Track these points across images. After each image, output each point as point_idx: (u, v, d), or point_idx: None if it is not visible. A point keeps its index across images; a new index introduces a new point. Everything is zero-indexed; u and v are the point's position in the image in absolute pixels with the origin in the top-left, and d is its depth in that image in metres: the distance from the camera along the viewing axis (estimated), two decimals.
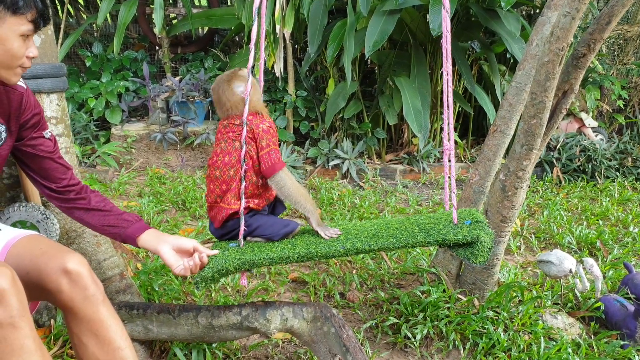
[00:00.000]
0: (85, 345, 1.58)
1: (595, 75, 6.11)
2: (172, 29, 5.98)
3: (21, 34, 1.51)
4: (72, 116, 5.38)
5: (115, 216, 1.80)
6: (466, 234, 1.95)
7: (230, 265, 1.84)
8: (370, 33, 4.46)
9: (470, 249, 1.96)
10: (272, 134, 1.92)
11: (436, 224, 2.03)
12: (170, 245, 1.79)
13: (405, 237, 1.94)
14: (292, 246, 1.93)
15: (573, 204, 4.40)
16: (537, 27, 2.48)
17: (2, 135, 1.68)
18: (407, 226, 2.03)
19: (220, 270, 1.84)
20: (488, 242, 1.95)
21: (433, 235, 1.95)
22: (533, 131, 2.24)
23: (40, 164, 1.78)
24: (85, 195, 1.82)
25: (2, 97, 1.66)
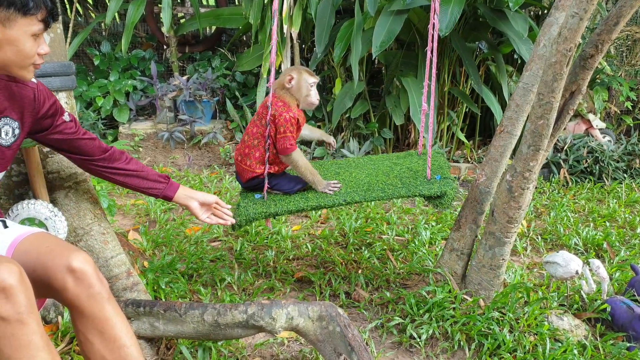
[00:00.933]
0: (91, 342, 1.59)
1: (603, 76, 6.08)
2: (180, 28, 6.00)
3: (32, 33, 1.53)
4: (80, 115, 5.41)
5: (152, 180, 2.08)
6: (437, 190, 2.43)
7: (258, 215, 2.37)
8: (377, 33, 4.46)
9: (439, 200, 2.44)
10: (292, 123, 2.36)
11: (414, 179, 2.53)
12: (197, 201, 2.15)
13: (391, 191, 2.43)
14: (305, 200, 2.42)
15: (580, 205, 4.39)
16: (545, 28, 2.48)
17: (16, 131, 1.71)
18: (392, 180, 2.54)
19: (249, 218, 2.37)
20: (452, 194, 2.44)
21: (412, 190, 2.43)
22: (540, 132, 2.23)
23: (72, 144, 1.90)
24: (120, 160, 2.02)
25: (14, 93, 1.68)
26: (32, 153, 2.03)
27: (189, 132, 5.39)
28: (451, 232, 2.77)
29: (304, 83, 2.40)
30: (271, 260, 3.15)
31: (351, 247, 3.33)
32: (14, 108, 1.69)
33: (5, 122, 1.68)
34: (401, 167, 2.71)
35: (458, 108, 5.50)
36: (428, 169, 2.53)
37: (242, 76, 5.96)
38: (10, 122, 1.69)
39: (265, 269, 3.06)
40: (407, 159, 2.82)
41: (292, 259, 3.22)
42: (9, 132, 1.69)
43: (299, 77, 2.40)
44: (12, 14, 1.48)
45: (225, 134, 5.58)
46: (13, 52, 1.53)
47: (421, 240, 3.41)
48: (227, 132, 5.63)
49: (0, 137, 1.67)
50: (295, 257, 3.24)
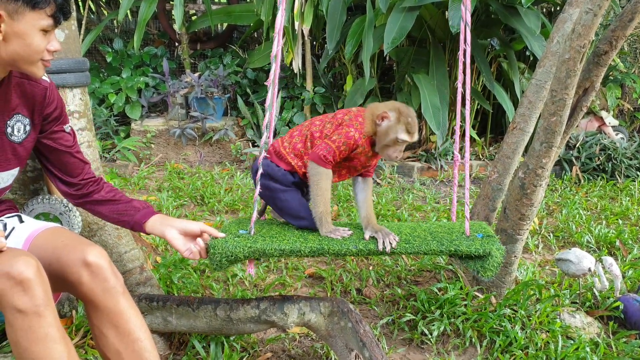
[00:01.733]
0: (106, 336, 1.61)
1: (616, 73, 6.03)
2: (192, 26, 6.02)
3: (41, 28, 1.52)
4: (93, 111, 5.45)
5: (125, 204, 1.82)
6: (479, 247, 1.93)
7: (240, 252, 1.83)
8: (389, 30, 4.46)
9: (480, 262, 1.96)
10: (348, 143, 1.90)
11: (449, 234, 2.01)
12: (177, 230, 1.79)
13: (418, 243, 1.93)
14: (304, 240, 1.89)
15: (592, 203, 4.36)
16: (558, 24, 2.47)
17: (27, 128, 1.72)
18: (420, 233, 2.01)
19: (229, 257, 1.83)
20: (499, 257, 1.95)
21: (446, 245, 1.93)
22: (553, 129, 2.22)
23: (59, 157, 1.81)
24: (98, 188, 1.84)
25: (26, 91, 1.69)
26: None
27: (201, 129, 5.41)
28: None
29: (393, 134, 1.91)
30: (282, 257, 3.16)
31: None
32: (26, 105, 1.70)
33: (17, 119, 1.69)
34: (431, 224, 2.18)
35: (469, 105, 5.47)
36: (466, 221, 2.04)
37: (254, 73, 5.97)
38: (22, 119, 1.70)
39: (277, 265, 3.07)
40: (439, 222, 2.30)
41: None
42: (20, 129, 1.70)
43: (395, 124, 1.91)
44: (20, 7, 1.47)
45: (237, 130, 5.59)
46: (21, 47, 1.51)
47: None
48: (239, 129, 5.65)
49: (13, 134, 1.68)
50: None
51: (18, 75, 1.65)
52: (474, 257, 1.96)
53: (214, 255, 1.83)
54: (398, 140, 1.90)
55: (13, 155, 1.70)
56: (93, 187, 1.84)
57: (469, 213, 2.06)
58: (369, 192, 2.07)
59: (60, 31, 2.02)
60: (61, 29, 2.02)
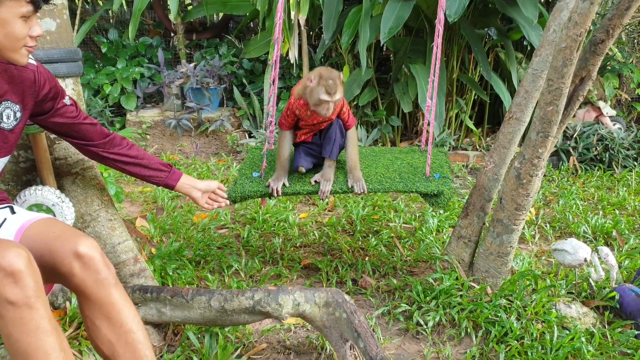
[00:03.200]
0: (98, 327, 1.60)
1: (614, 63, 6.01)
2: (187, 16, 5.98)
3: (21, 15, 1.50)
4: (88, 102, 5.42)
5: (154, 168, 2.08)
6: (434, 188, 2.43)
7: (253, 193, 2.44)
8: (385, 19, 4.42)
9: (435, 199, 2.45)
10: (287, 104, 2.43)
11: (413, 175, 2.53)
12: (200, 190, 2.18)
13: (388, 184, 2.45)
14: (302, 183, 2.46)
15: (589, 193, 4.35)
16: (555, 13, 2.44)
17: (17, 115, 1.70)
18: (391, 173, 2.54)
19: (244, 196, 2.45)
20: (448, 194, 2.43)
21: (409, 186, 2.45)
22: (549, 118, 2.21)
23: (73, 128, 1.90)
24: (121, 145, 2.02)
25: (14, 76, 1.67)
26: (39, 139, 2.03)
27: (196, 120, 5.39)
28: (459, 219, 2.76)
29: (316, 95, 2.26)
30: (278, 248, 3.15)
31: (358, 234, 3.33)
32: (15, 91, 1.68)
33: (6, 106, 1.67)
34: (402, 162, 2.71)
35: (467, 95, 5.46)
36: (427, 166, 2.53)
37: (250, 63, 5.93)
38: (12, 106, 1.68)
39: (272, 256, 3.06)
40: (409, 155, 2.82)
41: (299, 246, 3.22)
42: (10, 115, 1.68)
43: (316, 87, 2.26)
44: None
45: (233, 121, 5.57)
46: (2, 35, 1.50)
47: (428, 228, 3.40)
48: (235, 120, 5.62)
49: (2, 120, 1.66)
50: (302, 245, 3.24)
51: (4, 62, 1.63)
52: (431, 195, 2.45)
53: (234, 194, 2.44)
54: (321, 100, 2.24)
55: (3, 143, 1.68)
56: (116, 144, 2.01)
57: (430, 157, 2.53)
58: (350, 144, 2.49)
59: (51, 20, 1.99)
60: (52, 18, 2.00)
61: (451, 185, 2.46)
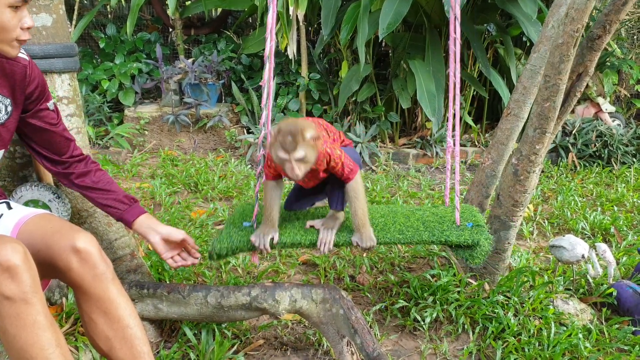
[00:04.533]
0: (95, 322, 1.60)
1: (613, 59, 6.00)
2: (186, 11, 5.96)
3: (9, 5, 1.47)
4: (86, 98, 5.40)
5: (114, 198, 1.88)
6: (468, 238, 2.04)
7: (243, 245, 1.99)
8: (384, 14, 4.41)
9: (469, 251, 2.06)
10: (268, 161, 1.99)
11: (440, 224, 2.11)
12: (160, 235, 1.89)
13: (411, 234, 2.04)
14: (304, 232, 2.04)
15: (588, 189, 4.36)
16: (553, 9, 2.44)
17: (8, 108, 1.68)
18: (413, 222, 2.12)
19: (233, 250, 2.00)
20: (486, 246, 2.06)
21: (437, 235, 2.05)
22: (546, 114, 2.20)
23: (44, 135, 1.81)
24: (87, 169, 1.88)
25: (5, 70, 1.65)
26: None
27: (195, 116, 5.38)
28: None
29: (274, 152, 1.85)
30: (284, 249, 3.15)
31: None
32: (5, 85, 1.67)
33: None
34: (424, 212, 2.26)
35: (466, 91, 5.45)
36: (457, 212, 2.13)
37: (248, 59, 5.92)
38: (2, 100, 1.66)
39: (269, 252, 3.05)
40: (432, 208, 2.38)
41: None
42: (1, 109, 1.66)
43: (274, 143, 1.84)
44: None
45: (231, 117, 5.56)
46: None
47: None
48: (233, 116, 5.62)
49: None
50: None
51: None
52: (464, 246, 2.07)
53: (220, 247, 1.99)
54: (279, 158, 1.83)
55: None
56: (82, 167, 1.87)
57: (459, 203, 2.14)
58: (353, 198, 1.98)
59: (47, 15, 1.98)
60: (48, 13, 1.99)
61: (488, 235, 2.09)
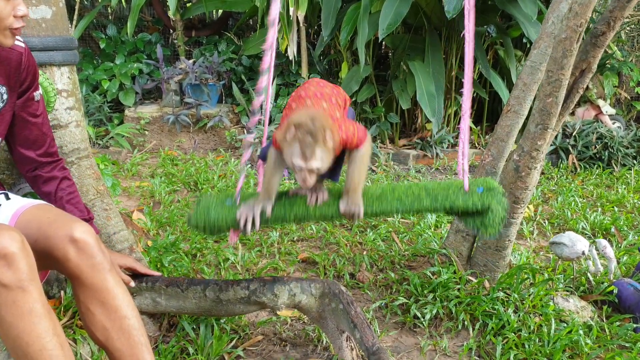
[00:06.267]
0: (92, 313, 1.59)
1: (613, 61, 6.01)
2: (187, 12, 5.97)
3: None
4: (87, 98, 5.40)
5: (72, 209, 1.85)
6: (476, 201, 1.76)
7: (222, 221, 1.76)
8: (384, 15, 4.42)
9: (480, 219, 1.78)
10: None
11: (445, 190, 1.81)
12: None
13: (410, 201, 1.77)
14: (289, 206, 1.77)
15: (588, 191, 4.35)
16: (554, 5, 2.44)
17: (4, 96, 1.67)
18: (414, 190, 1.81)
19: (211, 225, 1.78)
20: (500, 212, 1.76)
21: (440, 201, 1.77)
22: (548, 110, 2.20)
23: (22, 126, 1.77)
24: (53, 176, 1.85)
25: (1, 57, 1.64)
26: None
27: (195, 116, 5.37)
28: None
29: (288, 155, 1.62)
30: (275, 241, 3.14)
31: (356, 229, 3.32)
32: (1, 73, 1.65)
33: None
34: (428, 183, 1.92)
35: None
36: (465, 175, 1.83)
37: (249, 60, 5.92)
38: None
39: (269, 249, 3.05)
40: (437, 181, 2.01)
41: (297, 240, 3.21)
42: None
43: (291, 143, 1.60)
44: None
45: (231, 117, 5.56)
46: None
47: (427, 223, 3.39)
48: (233, 116, 5.61)
49: None
50: (300, 239, 3.23)
51: None
52: (474, 213, 1.78)
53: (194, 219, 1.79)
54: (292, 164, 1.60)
55: None
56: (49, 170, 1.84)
57: (467, 166, 1.86)
58: (353, 165, 1.73)
59: (47, 8, 1.98)
60: (48, 6, 1.98)
61: (502, 198, 1.80)
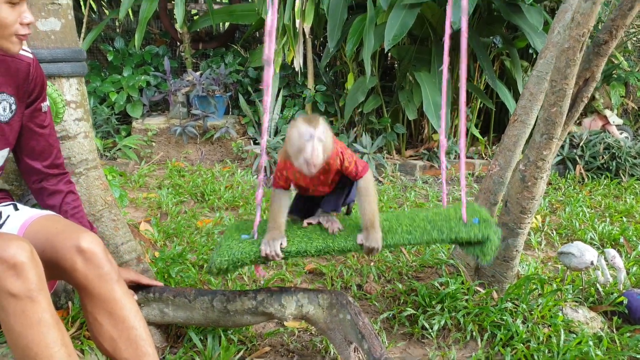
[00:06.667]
0: (100, 323, 1.59)
1: (620, 71, 6.00)
2: (194, 25, 6.01)
3: (7, 1, 1.47)
4: (94, 110, 5.44)
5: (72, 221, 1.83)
6: (477, 233, 1.96)
7: (246, 257, 1.90)
8: (389, 27, 4.43)
9: (479, 247, 1.99)
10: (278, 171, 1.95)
11: (447, 222, 2.02)
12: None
13: (419, 234, 1.96)
14: (308, 239, 1.94)
15: (596, 201, 4.32)
16: (559, 15, 2.44)
17: (12, 107, 1.68)
18: (419, 223, 2.02)
19: (235, 263, 1.90)
20: (496, 241, 1.98)
21: (446, 233, 1.96)
22: (553, 119, 2.20)
23: (31, 138, 1.78)
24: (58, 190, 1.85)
25: (10, 68, 1.66)
26: None
27: (202, 127, 5.40)
28: None
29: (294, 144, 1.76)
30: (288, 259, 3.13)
31: None
32: (10, 83, 1.67)
33: (2, 98, 1.65)
34: (427, 212, 2.13)
35: (472, 104, 5.45)
36: (463, 207, 2.03)
37: (255, 72, 5.96)
38: (7, 98, 1.67)
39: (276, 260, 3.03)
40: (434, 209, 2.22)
41: None
42: (6, 107, 1.67)
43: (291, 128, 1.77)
44: None
45: (238, 129, 5.58)
46: None
47: None
48: (240, 127, 5.64)
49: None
50: None
51: (0, 53, 1.61)
52: (473, 243, 1.98)
53: (221, 261, 1.88)
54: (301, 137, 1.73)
55: (0, 136, 1.68)
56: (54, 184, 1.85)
57: (465, 199, 2.05)
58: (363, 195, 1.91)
59: (56, 20, 2.00)
60: (57, 18, 2.01)
61: (497, 229, 2.01)
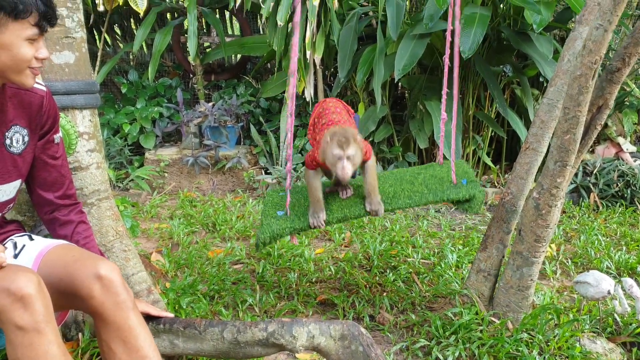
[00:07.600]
0: (114, 352, 1.58)
1: (632, 98, 5.97)
2: (206, 57, 6.10)
3: (27, 38, 1.50)
4: (108, 141, 5.50)
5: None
6: (465, 193, 2.43)
7: (283, 232, 2.39)
8: (399, 56, 4.47)
9: (468, 204, 2.45)
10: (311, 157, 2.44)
11: (440, 184, 2.53)
12: None
13: (418, 198, 2.44)
14: (329, 212, 2.42)
15: (611, 229, 4.26)
16: (569, 43, 2.44)
17: (25, 139, 1.71)
18: (418, 187, 2.53)
19: (275, 236, 2.39)
20: (480, 197, 2.44)
21: (440, 195, 2.44)
22: (567, 147, 2.18)
23: (44, 169, 1.80)
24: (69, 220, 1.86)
25: (23, 101, 1.68)
26: None
27: (214, 157, 5.43)
28: (477, 252, 2.71)
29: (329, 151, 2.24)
30: (293, 283, 3.11)
31: (375, 270, 3.28)
32: (23, 116, 1.69)
33: (15, 130, 1.68)
34: (425, 175, 2.70)
35: (483, 132, 5.44)
36: (452, 173, 2.54)
37: (267, 102, 6.01)
38: (20, 130, 1.69)
39: (288, 291, 3.02)
40: (430, 169, 2.83)
41: (315, 282, 3.17)
42: (19, 139, 1.69)
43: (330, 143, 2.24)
44: (2, 18, 1.45)
45: (250, 158, 5.60)
46: (8, 58, 1.50)
47: (447, 263, 3.34)
48: (251, 157, 5.66)
49: (12, 145, 1.68)
50: (318, 280, 3.19)
51: (14, 86, 1.64)
52: (462, 200, 2.44)
53: (264, 235, 2.37)
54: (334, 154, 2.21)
55: (13, 167, 1.69)
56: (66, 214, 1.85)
57: (454, 164, 2.57)
58: (367, 174, 2.42)
59: (70, 53, 2.04)
60: (71, 51, 2.04)
61: (480, 188, 2.47)
